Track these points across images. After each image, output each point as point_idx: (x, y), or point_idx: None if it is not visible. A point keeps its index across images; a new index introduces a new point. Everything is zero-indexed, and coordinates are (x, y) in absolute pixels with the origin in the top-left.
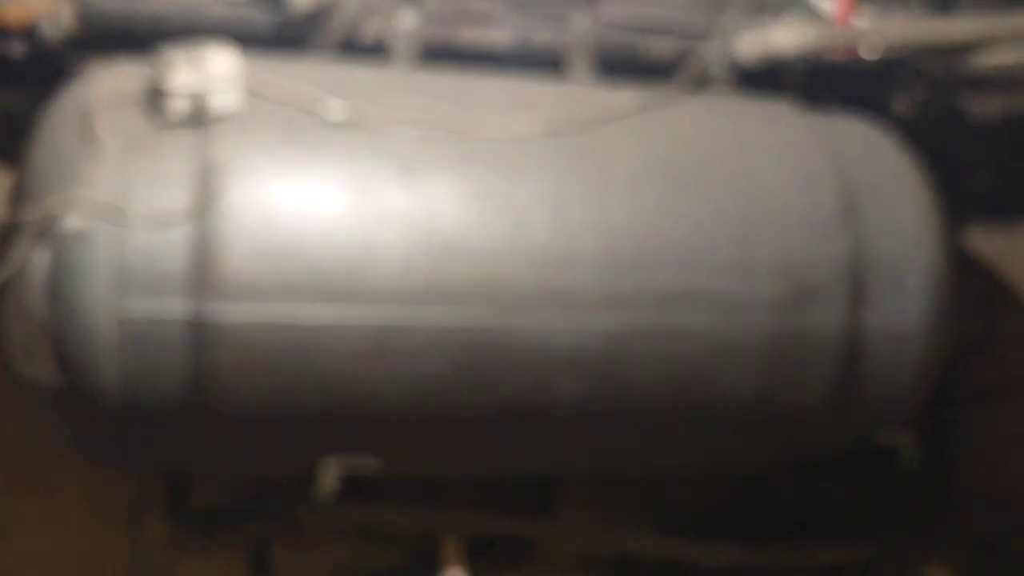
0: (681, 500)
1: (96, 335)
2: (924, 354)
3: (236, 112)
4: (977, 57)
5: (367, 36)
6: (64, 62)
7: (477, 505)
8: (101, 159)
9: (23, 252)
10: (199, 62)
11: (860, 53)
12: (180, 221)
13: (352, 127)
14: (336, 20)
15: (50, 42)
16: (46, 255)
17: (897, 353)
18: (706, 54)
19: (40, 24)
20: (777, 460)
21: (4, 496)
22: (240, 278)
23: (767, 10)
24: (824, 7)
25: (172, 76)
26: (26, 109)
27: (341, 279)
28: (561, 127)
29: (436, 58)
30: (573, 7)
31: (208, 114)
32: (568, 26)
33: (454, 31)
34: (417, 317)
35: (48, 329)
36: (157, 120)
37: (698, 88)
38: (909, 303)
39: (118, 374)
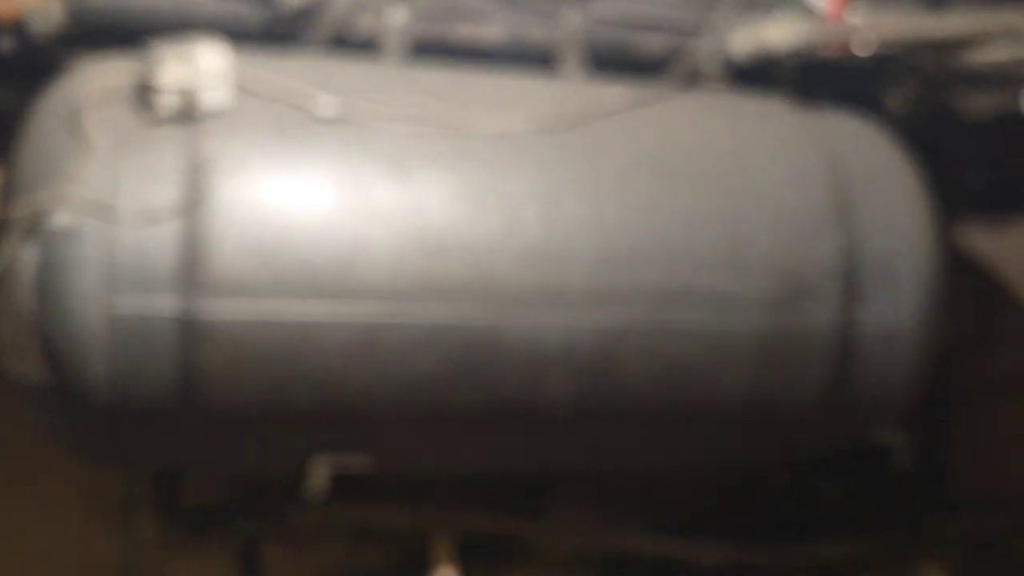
0: (675, 499)
1: (85, 332)
2: (917, 352)
3: (226, 108)
4: (970, 54)
5: (358, 32)
6: (53, 57)
7: (469, 504)
8: (90, 155)
9: (12, 248)
10: (189, 58)
11: (853, 49)
12: (170, 217)
13: (343, 123)
14: (327, 16)
15: (39, 37)
16: (35, 251)
17: (890, 351)
18: (698, 50)
19: (29, 19)
20: (770, 458)
21: None
22: (230, 275)
23: (759, 6)
24: (817, 3)
25: (162, 72)
26: (15, 105)
27: (332, 276)
28: (553, 123)
29: (427, 54)
30: (564, 3)
31: (198, 110)
32: (560, 22)
33: (445, 27)
34: (408, 314)
35: (37, 326)
36: (146, 116)
37: (690, 84)
38: (902, 300)
39: (107, 371)
